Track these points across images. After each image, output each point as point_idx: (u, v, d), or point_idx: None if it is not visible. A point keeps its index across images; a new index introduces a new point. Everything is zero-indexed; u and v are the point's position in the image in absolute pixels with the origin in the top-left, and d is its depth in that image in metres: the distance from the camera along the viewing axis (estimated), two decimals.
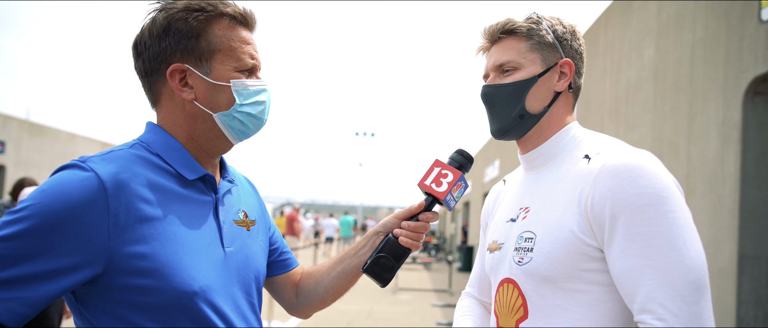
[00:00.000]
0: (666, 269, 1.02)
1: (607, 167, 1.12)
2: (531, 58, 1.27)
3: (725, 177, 3.88)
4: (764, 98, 3.71)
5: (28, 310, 0.95)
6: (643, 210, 1.05)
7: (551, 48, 1.28)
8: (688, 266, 1.03)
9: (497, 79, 1.31)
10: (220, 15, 1.14)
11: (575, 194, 1.16)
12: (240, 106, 1.16)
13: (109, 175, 1.01)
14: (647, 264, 1.04)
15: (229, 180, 1.26)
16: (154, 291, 1.02)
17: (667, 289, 1.02)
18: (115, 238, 0.99)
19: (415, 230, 1.28)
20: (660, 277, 1.03)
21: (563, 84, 1.29)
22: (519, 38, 1.29)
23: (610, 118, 6.20)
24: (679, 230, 1.05)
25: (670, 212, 1.05)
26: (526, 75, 1.27)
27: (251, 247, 1.24)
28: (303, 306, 1.44)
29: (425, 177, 1.28)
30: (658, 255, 1.03)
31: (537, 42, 1.28)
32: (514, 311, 1.24)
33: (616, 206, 1.08)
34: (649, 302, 1.03)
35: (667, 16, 4.89)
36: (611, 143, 1.22)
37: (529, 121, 1.28)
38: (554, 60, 1.28)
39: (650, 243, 1.04)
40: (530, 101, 1.27)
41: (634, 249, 1.05)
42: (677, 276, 1.02)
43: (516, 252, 1.23)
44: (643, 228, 1.05)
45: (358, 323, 7.89)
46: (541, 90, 1.28)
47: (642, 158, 1.12)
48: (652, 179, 1.07)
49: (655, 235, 1.04)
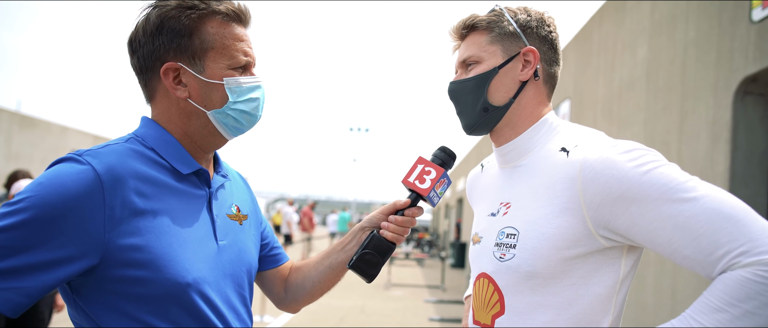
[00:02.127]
0: (708, 210, 1.01)
1: (591, 158, 1.11)
2: (491, 50, 1.26)
3: (715, 176, 3.92)
4: (754, 98, 3.75)
5: (25, 299, 0.96)
6: (647, 176, 1.05)
7: (513, 37, 1.26)
8: (719, 197, 1.02)
9: (463, 75, 1.31)
10: (213, 12, 1.14)
11: (560, 189, 1.15)
12: (233, 104, 1.17)
13: (105, 168, 1.03)
14: (690, 217, 1.02)
15: (222, 175, 1.28)
16: (149, 282, 1.03)
17: (736, 225, 0.99)
18: (111, 230, 1.01)
19: (401, 225, 1.30)
20: (708, 219, 1.00)
21: (528, 72, 1.26)
22: (480, 32, 1.28)
23: (603, 117, 6.24)
24: (684, 176, 1.05)
25: (669, 165, 1.07)
26: (487, 67, 1.26)
27: (244, 241, 1.26)
28: (291, 301, 1.46)
29: (409, 174, 1.30)
30: (690, 204, 1.02)
31: (498, 34, 1.26)
32: (490, 306, 1.24)
33: (618, 189, 1.06)
34: (732, 243, 0.99)
35: (660, 15, 4.92)
36: (589, 134, 1.22)
37: (494, 113, 1.27)
38: (517, 49, 1.26)
39: (675, 198, 1.03)
40: (493, 93, 1.26)
41: (666, 210, 1.03)
42: (729, 206, 1.01)
43: (497, 248, 1.23)
44: (659, 191, 1.04)
45: (351, 318, 7.91)
46: (503, 81, 1.26)
47: (623, 142, 1.13)
48: (637, 153, 1.09)
49: (672, 189, 1.03)
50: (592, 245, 1.13)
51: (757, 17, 3.46)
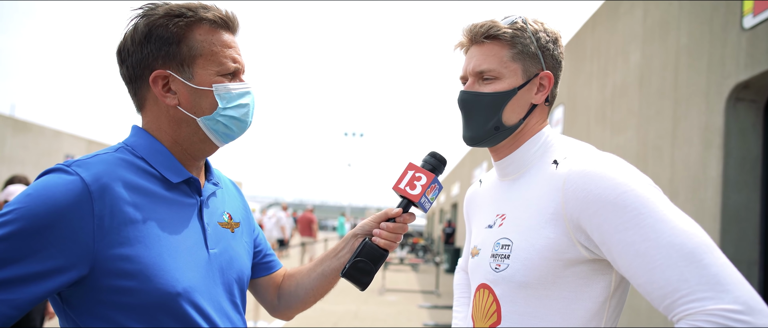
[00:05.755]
0: (669, 245, 0.98)
1: (574, 173, 1.11)
2: (513, 69, 1.24)
3: (707, 181, 3.94)
4: (746, 104, 3.78)
5: (14, 312, 0.96)
6: (622, 198, 1.03)
7: (533, 58, 1.24)
8: (688, 231, 0.99)
9: (476, 86, 1.27)
10: (201, 20, 1.14)
11: (547, 200, 1.15)
12: (223, 110, 1.17)
13: (93, 178, 1.02)
14: (650, 246, 0.99)
15: (213, 183, 1.28)
16: (139, 292, 1.03)
17: (680, 263, 0.96)
18: (100, 240, 1.00)
19: (393, 232, 1.30)
20: (667, 255, 0.97)
21: (541, 97, 1.26)
22: (502, 45, 1.24)
23: (596, 122, 6.26)
24: (660, 204, 1.03)
25: (647, 187, 1.05)
26: (507, 86, 1.24)
27: (235, 248, 1.26)
28: (284, 308, 1.45)
29: (399, 180, 1.30)
30: (655, 233, 0.99)
31: (520, 51, 1.23)
32: (489, 316, 1.25)
33: (593, 205, 1.06)
34: (678, 291, 0.96)
35: (652, 22, 4.95)
36: (578, 147, 1.22)
37: (503, 132, 1.26)
38: (535, 71, 1.25)
39: (642, 225, 1.01)
40: (507, 114, 1.25)
41: (630, 236, 1.01)
42: (682, 244, 0.97)
43: (493, 259, 1.24)
44: (629, 214, 1.02)
45: (345, 323, 7.89)
46: (519, 102, 1.25)
47: (607, 158, 1.13)
48: (619, 172, 1.08)
49: (641, 216, 1.01)
50: (576, 255, 1.13)
51: (749, 24, 3.49)
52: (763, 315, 0.90)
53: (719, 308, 0.91)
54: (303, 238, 14.76)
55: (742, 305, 0.91)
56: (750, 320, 0.89)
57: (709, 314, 0.92)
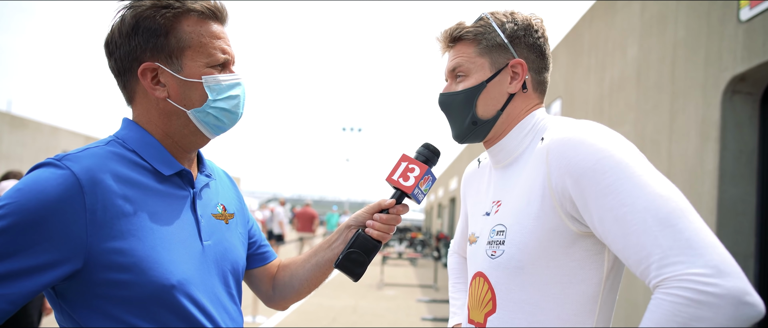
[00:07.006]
0: (644, 210, 0.98)
1: (554, 142, 1.12)
2: (479, 63, 1.26)
3: (704, 175, 3.94)
4: (742, 97, 3.78)
5: (8, 306, 0.95)
6: (601, 163, 1.04)
7: (501, 49, 1.25)
8: (664, 195, 0.99)
9: (452, 86, 1.31)
10: (188, 11, 1.13)
11: (535, 175, 1.16)
12: (213, 102, 1.16)
13: (84, 172, 1.02)
14: (627, 212, 0.99)
15: (206, 174, 1.28)
16: (133, 285, 1.03)
17: (657, 228, 0.96)
18: (93, 234, 1.00)
19: (386, 223, 1.31)
20: (643, 220, 0.97)
21: (516, 85, 1.26)
22: (468, 43, 1.28)
23: (594, 116, 6.26)
24: (640, 168, 1.03)
25: (629, 153, 1.05)
26: (475, 81, 1.26)
27: (230, 239, 1.26)
28: (279, 298, 1.46)
29: (393, 172, 1.30)
30: (631, 198, 0.99)
31: (485, 46, 1.26)
32: (484, 304, 1.25)
33: (574, 172, 1.06)
34: (651, 256, 0.96)
35: (650, 15, 4.94)
36: (559, 121, 1.22)
37: (483, 126, 1.28)
38: (504, 61, 1.26)
39: (620, 190, 1.01)
40: (481, 108, 1.27)
41: (609, 202, 1.02)
42: (659, 208, 0.97)
43: (489, 246, 1.24)
44: (608, 180, 1.02)
45: (343, 318, 7.90)
46: (491, 95, 1.26)
47: (588, 125, 1.13)
48: (598, 138, 1.08)
49: (619, 180, 1.01)
50: (565, 231, 1.12)
51: (745, 17, 3.49)
52: (732, 277, 0.90)
53: (690, 273, 0.92)
54: (300, 233, 14.62)
55: (712, 268, 0.91)
56: (719, 282, 0.90)
57: (679, 280, 0.92)
